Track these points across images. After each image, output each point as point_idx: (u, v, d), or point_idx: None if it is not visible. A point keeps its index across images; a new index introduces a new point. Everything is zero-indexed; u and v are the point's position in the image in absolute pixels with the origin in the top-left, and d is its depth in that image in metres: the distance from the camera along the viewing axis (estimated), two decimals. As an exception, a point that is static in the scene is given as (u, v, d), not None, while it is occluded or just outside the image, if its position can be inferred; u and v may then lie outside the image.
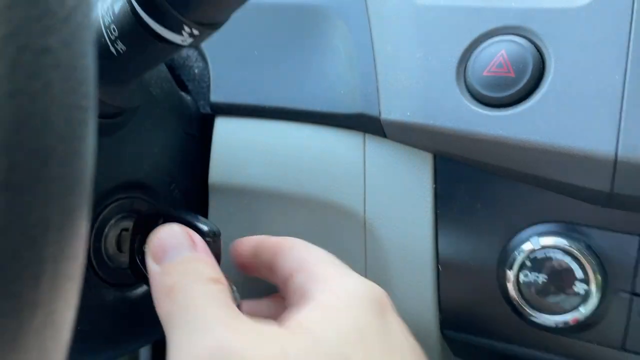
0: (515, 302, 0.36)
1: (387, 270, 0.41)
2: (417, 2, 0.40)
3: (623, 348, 0.35)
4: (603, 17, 0.34)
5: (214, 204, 0.47)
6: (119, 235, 0.42)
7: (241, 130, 0.46)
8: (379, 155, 0.42)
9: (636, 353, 0.34)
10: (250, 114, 0.46)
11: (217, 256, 0.36)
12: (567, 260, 0.34)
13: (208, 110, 0.48)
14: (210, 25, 0.29)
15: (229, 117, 0.47)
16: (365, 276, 0.36)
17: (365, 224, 0.42)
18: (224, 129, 0.47)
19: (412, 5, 0.40)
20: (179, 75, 0.49)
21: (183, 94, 0.48)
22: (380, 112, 0.40)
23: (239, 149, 0.46)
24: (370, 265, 0.43)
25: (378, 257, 0.42)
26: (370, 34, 0.42)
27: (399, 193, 0.41)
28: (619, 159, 0.32)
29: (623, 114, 0.32)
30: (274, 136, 0.45)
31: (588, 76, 0.33)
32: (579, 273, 0.34)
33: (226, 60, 0.47)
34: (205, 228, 0.37)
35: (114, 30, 0.30)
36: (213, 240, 0.37)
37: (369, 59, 0.42)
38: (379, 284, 0.43)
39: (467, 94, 0.37)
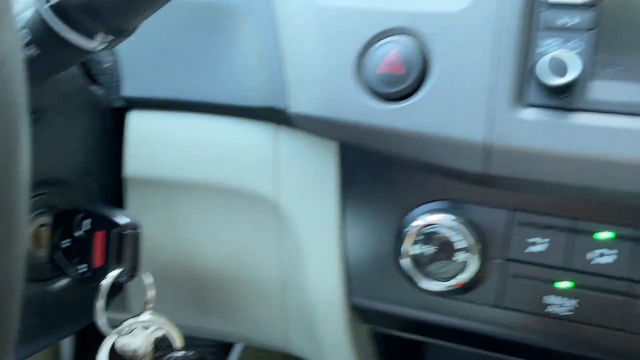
0: (409, 271, 0.41)
1: (299, 250, 0.45)
2: (317, 3, 0.43)
3: (498, 306, 0.41)
4: (476, 21, 0.39)
5: (131, 196, 0.48)
6: (37, 230, 0.42)
7: (155, 123, 0.48)
8: (290, 144, 0.46)
9: (508, 309, 0.41)
10: (163, 107, 0.48)
11: (137, 249, 0.39)
12: (452, 233, 0.40)
13: (121, 104, 0.49)
14: (123, 32, 0.30)
15: (142, 111, 0.48)
16: (280, 261, 0.39)
17: (278, 209, 0.46)
18: (138, 122, 0.48)
19: (313, 6, 0.43)
20: (89, 70, 0.49)
21: (94, 88, 0.49)
22: (288, 106, 0.43)
23: (154, 142, 0.48)
24: (284, 247, 0.46)
25: (291, 240, 0.46)
26: (277, 31, 0.45)
27: (309, 179, 0.45)
28: (490, 145, 0.37)
29: (494, 107, 0.37)
30: (188, 128, 0.47)
31: (465, 73, 0.38)
32: (461, 244, 0.40)
33: (137, 54, 0.48)
34: (124, 221, 0.39)
35: (27, 34, 0.31)
36: (133, 233, 0.39)
37: (276, 56, 0.44)
38: (292, 265, 0.47)
39: (365, 90, 0.41)
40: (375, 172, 0.44)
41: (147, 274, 0.41)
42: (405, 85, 0.39)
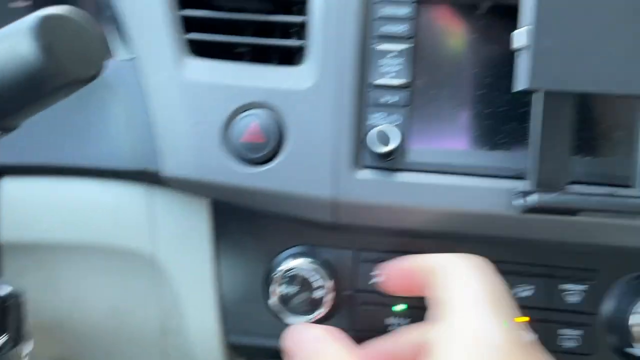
0: (277, 309, 0.48)
1: (178, 299, 0.50)
2: (183, 78, 0.49)
3: (352, 329, 0.49)
4: (320, 97, 0.47)
5: (8, 260, 0.49)
6: None
7: (29, 189, 0.50)
8: (163, 202, 0.50)
9: (360, 332, 0.49)
10: (37, 172, 0.50)
11: (21, 317, 0.41)
12: (310, 274, 0.47)
13: (-9, 170, 0.50)
14: (10, 129, 0.33)
15: (15, 177, 0.50)
16: (160, 310, 0.43)
17: (156, 263, 0.50)
18: (11, 188, 0.49)
19: (179, 80, 0.49)
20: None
21: (-41, 155, 0.49)
22: (161, 169, 0.48)
23: (29, 207, 0.49)
24: (164, 297, 0.51)
25: (169, 290, 0.50)
26: (147, 101, 0.50)
27: (184, 233, 0.50)
28: (336, 200, 0.46)
29: (337, 169, 0.46)
30: (63, 192, 0.50)
31: (313, 141, 0.46)
32: (318, 282, 0.47)
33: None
34: (5, 291, 0.41)
35: None
36: (16, 302, 0.41)
37: (147, 123, 0.49)
38: (172, 312, 0.51)
39: (231, 155, 0.47)
40: (245, 222, 0.51)
41: (29, 341, 0.43)
42: (265, 152, 0.46)
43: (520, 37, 0.39)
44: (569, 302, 0.48)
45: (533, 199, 0.37)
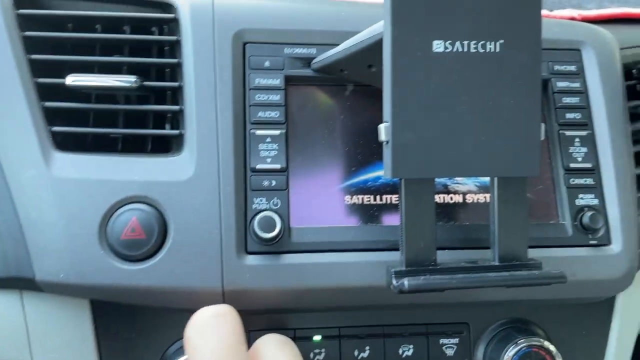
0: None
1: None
2: (53, 174, 0.46)
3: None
4: (201, 187, 0.47)
5: None
6: None
7: None
8: (39, 308, 0.47)
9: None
10: None
11: None
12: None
13: None
14: None
15: None
16: None
17: (34, 375, 0.47)
18: None
19: (49, 177, 0.46)
20: None
21: None
22: (34, 274, 0.45)
23: None
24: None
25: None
26: (12, 201, 0.46)
27: (63, 339, 0.48)
28: (224, 289, 0.46)
29: (223, 258, 0.46)
30: None
31: (197, 231, 0.46)
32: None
33: None
34: None
35: None
36: None
37: (15, 225, 0.46)
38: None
39: (111, 254, 0.45)
40: (129, 318, 0.49)
41: None
42: (147, 247, 0.45)
43: (382, 133, 0.42)
44: (447, 355, 0.53)
45: (403, 284, 0.40)
